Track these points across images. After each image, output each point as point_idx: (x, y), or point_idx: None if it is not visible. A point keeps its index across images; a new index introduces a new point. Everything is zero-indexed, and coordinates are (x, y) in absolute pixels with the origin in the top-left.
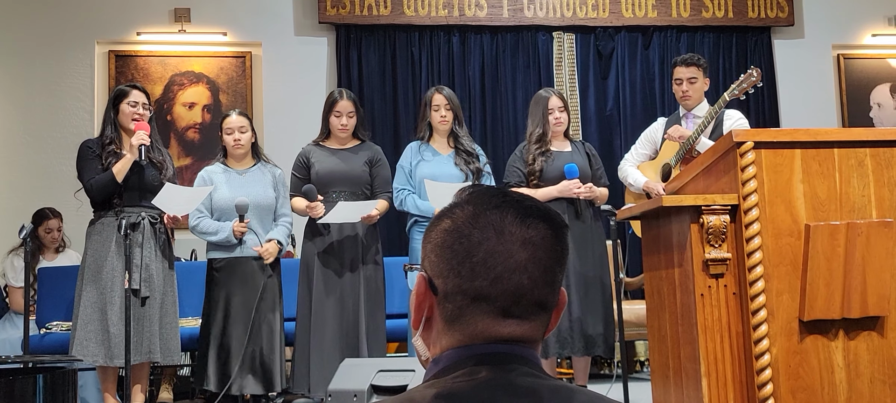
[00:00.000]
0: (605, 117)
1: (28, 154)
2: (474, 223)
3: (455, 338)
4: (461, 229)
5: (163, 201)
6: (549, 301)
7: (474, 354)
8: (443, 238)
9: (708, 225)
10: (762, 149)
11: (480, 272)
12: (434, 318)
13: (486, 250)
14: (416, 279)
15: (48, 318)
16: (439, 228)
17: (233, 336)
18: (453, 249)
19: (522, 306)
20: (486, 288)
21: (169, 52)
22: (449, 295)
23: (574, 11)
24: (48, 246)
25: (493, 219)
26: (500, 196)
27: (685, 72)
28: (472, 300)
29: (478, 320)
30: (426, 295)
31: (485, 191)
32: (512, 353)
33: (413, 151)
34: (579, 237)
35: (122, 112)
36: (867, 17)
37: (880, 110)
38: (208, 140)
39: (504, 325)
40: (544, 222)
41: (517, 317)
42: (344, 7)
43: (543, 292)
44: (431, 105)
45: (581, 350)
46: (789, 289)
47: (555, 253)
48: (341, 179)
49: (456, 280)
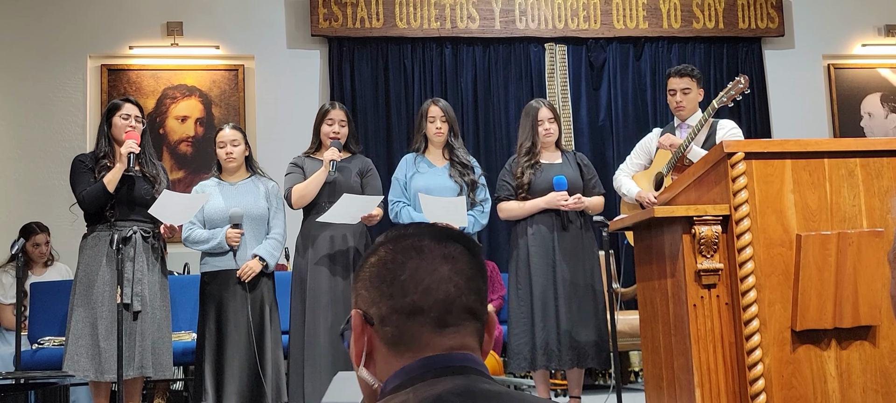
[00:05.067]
0: (598, 128)
1: (20, 168)
2: (396, 250)
3: (403, 358)
4: (384, 258)
5: (160, 209)
6: (479, 310)
7: (432, 367)
8: (369, 271)
9: (700, 235)
10: (753, 160)
11: (409, 288)
12: (376, 348)
13: (410, 268)
14: (352, 318)
15: (40, 333)
16: (365, 265)
17: (227, 349)
18: (381, 276)
19: (455, 314)
20: (418, 300)
21: (161, 66)
22: (385, 319)
23: (566, 23)
24: (36, 261)
25: (413, 243)
26: (414, 226)
27: (679, 82)
28: (408, 316)
29: (419, 334)
30: (364, 329)
31: (401, 227)
32: (465, 364)
33: (408, 163)
34: (569, 248)
35: (115, 125)
36: (857, 27)
37: (871, 119)
38: (201, 153)
39: (445, 336)
40: (459, 243)
41: (454, 326)
42: (336, 20)
43: (470, 299)
44: (427, 117)
45: (570, 362)
46: (781, 299)
47: (475, 267)
48: (334, 190)
49: (388, 302)
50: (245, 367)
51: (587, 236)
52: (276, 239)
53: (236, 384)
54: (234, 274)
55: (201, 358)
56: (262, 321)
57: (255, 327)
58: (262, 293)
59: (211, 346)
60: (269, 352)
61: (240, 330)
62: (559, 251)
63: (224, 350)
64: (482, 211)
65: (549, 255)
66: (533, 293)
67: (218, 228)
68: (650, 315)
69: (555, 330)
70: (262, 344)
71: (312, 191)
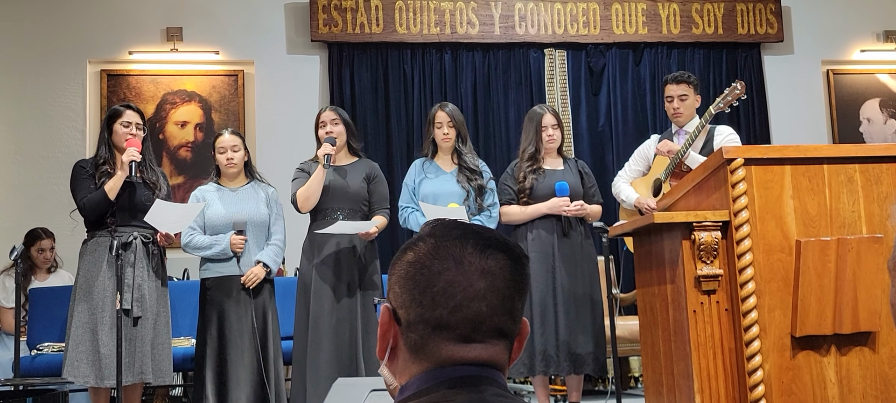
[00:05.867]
0: (597, 133)
1: (20, 173)
2: (435, 254)
3: (421, 366)
4: (422, 260)
5: (154, 218)
6: (509, 329)
7: (447, 378)
8: (405, 270)
9: (699, 241)
10: (752, 166)
11: (440, 301)
12: (399, 348)
13: (445, 280)
14: (381, 312)
15: (39, 339)
16: (403, 261)
17: (228, 356)
18: (415, 280)
19: (482, 333)
20: (445, 316)
21: (161, 71)
22: (411, 325)
23: (565, 28)
24: (40, 267)
25: (453, 250)
26: (460, 228)
27: (676, 89)
28: (433, 329)
29: (441, 347)
30: (390, 325)
31: (447, 224)
32: (482, 375)
33: (417, 169)
34: (569, 254)
35: (116, 132)
36: (856, 32)
37: (870, 125)
38: (201, 158)
39: (469, 349)
40: (503, 253)
41: (480, 342)
42: (336, 25)
43: (502, 320)
44: (434, 122)
45: (568, 369)
46: (781, 305)
47: (513, 283)
48: (340, 196)
49: (418, 309)
50: (249, 373)
51: (587, 243)
52: (277, 245)
53: (241, 390)
54: (236, 281)
55: (202, 364)
56: (265, 327)
57: (259, 333)
58: (264, 299)
59: (212, 352)
60: (272, 358)
61: (243, 336)
62: (559, 257)
63: (227, 356)
64: (490, 216)
65: (549, 261)
66: (532, 299)
67: (220, 234)
68: (650, 321)
69: (553, 337)
70: (266, 351)
71: (315, 191)
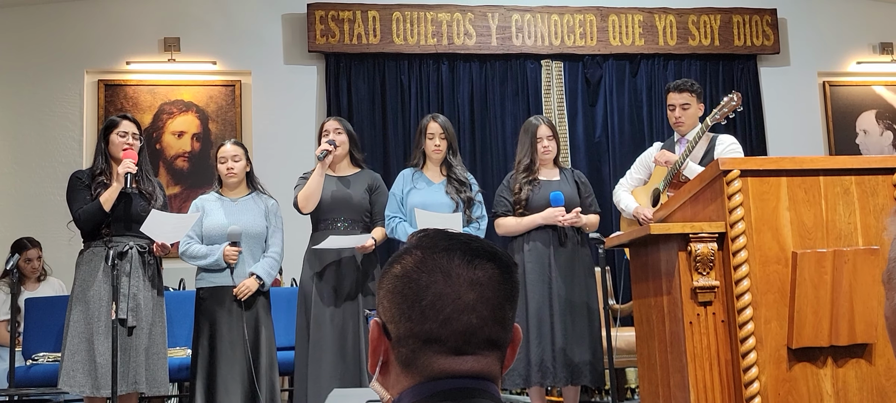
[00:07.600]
0: (594, 144)
1: (16, 183)
2: (422, 267)
3: (413, 379)
4: (410, 274)
5: (150, 228)
6: (501, 338)
7: (439, 391)
8: (393, 283)
9: (696, 252)
10: (748, 177)
11: (429, 315)
12: (390, 362)
13: (434, 293)
14: (371, 327)
15: (35, 349)
16: (390, 274)
17: (218, 366)
18: (403, 294)
19: (473, 344)
20: (436, 330)
21: (158, 81)
22: (402, 339)
23: (562, 39)
24: (29, 276)
25: (441, 262)
26: (447, 239)
27: (678, 97)
28: (424, 342)
29: (432, 361)
30: (380, 339)
31: (433, 235)
32: (475, 388)
33: (406, 179)
34: (565, 264)
35: (112, 142)
36: (852, 44)
37: (866, 137)
38: (198, 168)
39: (461, 362)
40: (491, 262)
41: (471, 354)
42: (333, 35)
43: (494, 330)
44: (426, 133)
45: (565, 379)
46: (777, 317)
47: (503, 292)
48: (343, 206)
49: (407, 324)
50: (240, 385)
51: (583, 253)
52: (273, 257)
53: (230, 401)
54: (229, 291)
55: (194, 375)
56: (256, 339)
57: (251, 345)
58: (257, 311)
59: (203, 363)
60: (264, 370)
61: (234, 348)
62: (555, 267)
63: (217, 367)
64: (478, 228)
65: (545, 272)
66: (528, 309)
67: (216, 244)
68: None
69: (550, 348)
70: (257, 362)
71: (315, 190)
